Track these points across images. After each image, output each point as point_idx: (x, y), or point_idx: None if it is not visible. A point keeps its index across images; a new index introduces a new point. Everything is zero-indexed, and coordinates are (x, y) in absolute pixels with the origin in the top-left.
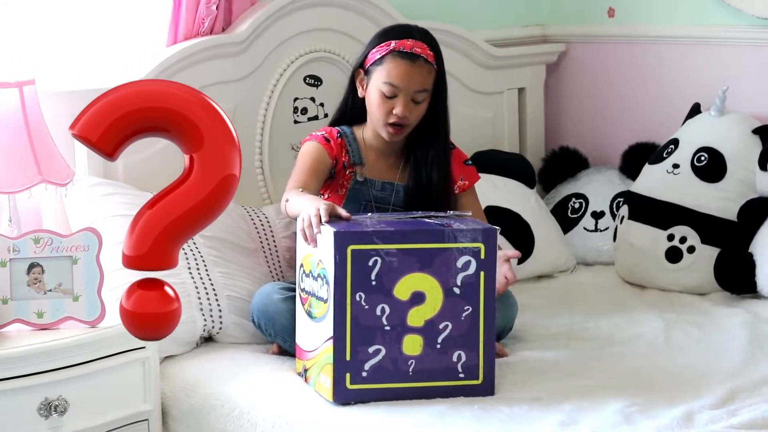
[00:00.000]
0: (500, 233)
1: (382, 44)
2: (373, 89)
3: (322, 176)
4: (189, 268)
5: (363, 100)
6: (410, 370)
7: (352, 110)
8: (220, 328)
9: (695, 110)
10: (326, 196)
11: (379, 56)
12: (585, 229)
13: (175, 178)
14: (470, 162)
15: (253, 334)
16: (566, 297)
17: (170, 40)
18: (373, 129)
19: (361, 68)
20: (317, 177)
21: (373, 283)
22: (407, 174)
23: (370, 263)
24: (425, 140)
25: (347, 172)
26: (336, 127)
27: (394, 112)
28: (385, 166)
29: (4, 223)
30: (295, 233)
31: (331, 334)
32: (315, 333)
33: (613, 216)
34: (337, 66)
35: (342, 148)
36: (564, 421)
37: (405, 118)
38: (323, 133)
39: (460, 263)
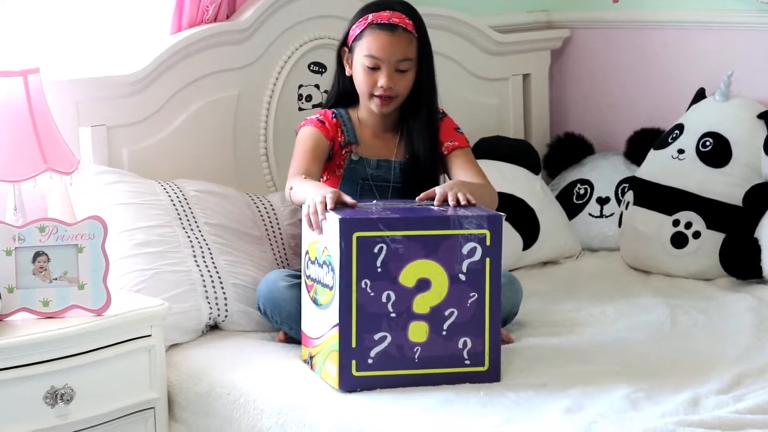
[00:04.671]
0: (505, 219)
1: (360, 19)
2: (357, 64)
3: (322, 159)
4: (194, 257)
5: (352, 79)
6: (416, 356)
7: (344, 91)
8: (226, 316)
9: (700, 95)
10: (325, 178)
11: (359, 31)
12: (590, 215)
13: (179, 166)
14: (461, 130)
15: (258, 322)
16: (572, 283)
17: (174, 27)
18: (366, 106)
19: (345, 46)
20: (318, 160)
21: (379, 270)
22: (403, 149)
23: (376, 250)
24: (412, 111)
25: (343, 152)
26: (330, 109)
27: (379, 84)
28: (381, 143)
29: (9, 211)
30: (300, 220)
31: (337, 321)
32: (320, 320)
33: (619, 202)
34: None
35: (337, 128)
36: (570, 407)
37: (390, 89)
38: (318, 116)
39: (465, 250)
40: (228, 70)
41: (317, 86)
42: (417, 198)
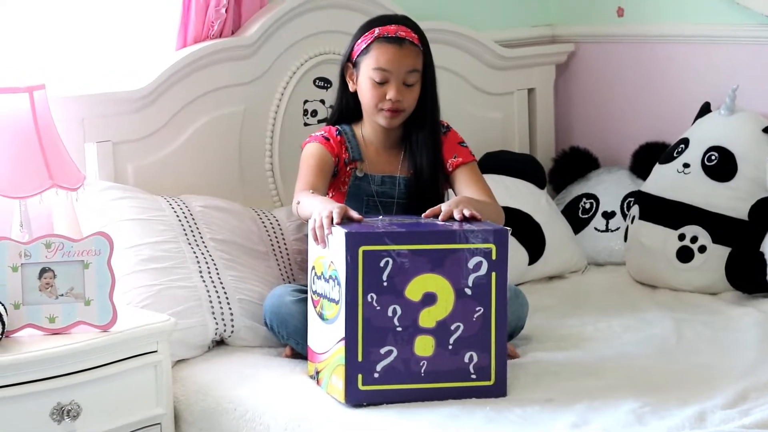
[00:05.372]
0: (511, 234)
1: (366, 33)
2: (364, 79)
3: (328, 175)
4: (200, 272)
5: (356, 95)
6: (422, 371)
7: (347, 108)
8: (232, 332)
9: (705, 109)
10: (330, 195)
11: (365, 45)
12: (596, 229)
13: (185, 181)
14: (465, 144)
15: (264, 338)
16: (577, 297)
17: (179, 43)
18: (371, 123)
19: (349, 62)
20: (324, 177)
21: (385, 284)
22: (407, 165)
23: (382, 264)
24: (416, 126)
25: (348, 168)
26: (335, 125)
27: (388, 97)
28: (385, 160)
29: (15, 228)
30: (306, 236)
31: (343, 335)
32: (327, 335)
33: (624, 216)
34: None
35: (341, 145)
36: (576, 422)
37: (399, 102)
38: (322, 132)
39: (471, 264)
40: (233, 86)
41: (323, 101)
42: (423, 215)
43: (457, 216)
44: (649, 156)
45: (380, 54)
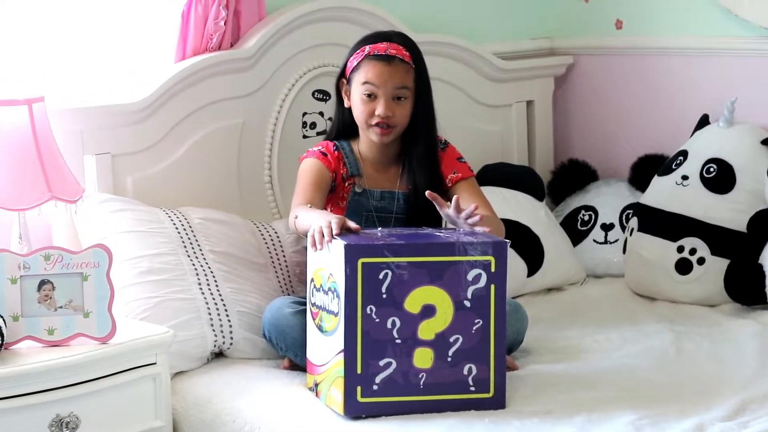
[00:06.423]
0: (510, 246)
1: (357, 51)
2: (355, 94)
3: (325, 190)
4: (199, 284)
5: (351, 111)
6: (421, 383)
7: (344, 124)
8: (231, 344)
9: (704, 121)
10: (329, 210)
11: (356, 62)
12: (594, 241)
13: (184, 194)
14: (464, 159)
15: (263, 350)
16: (576, 309)
17: (178, 56)
18: (366, 140)
19: (343, 78)
20: (321, 191)
21: (384, 296)
22: (405, 181)
23: (381, 276)
24: (412, 142)
25: (346, 184)
26: (332, 141)
27: (377, 112)
28: (383, 175)
29: (14, 240)
30: (305, 248)
31: (342, 347)
32: (326, 347)
33: (623, 228)
34: None
35: (339, 160)
36: None
37: (388, 117)
38: (320, 147)
39: (470, 276)
40: (232, 98)
41: (321, 113)
42: (427, 193)
43: (479, 213)
44: (648, 168)
45: (369, 70)
